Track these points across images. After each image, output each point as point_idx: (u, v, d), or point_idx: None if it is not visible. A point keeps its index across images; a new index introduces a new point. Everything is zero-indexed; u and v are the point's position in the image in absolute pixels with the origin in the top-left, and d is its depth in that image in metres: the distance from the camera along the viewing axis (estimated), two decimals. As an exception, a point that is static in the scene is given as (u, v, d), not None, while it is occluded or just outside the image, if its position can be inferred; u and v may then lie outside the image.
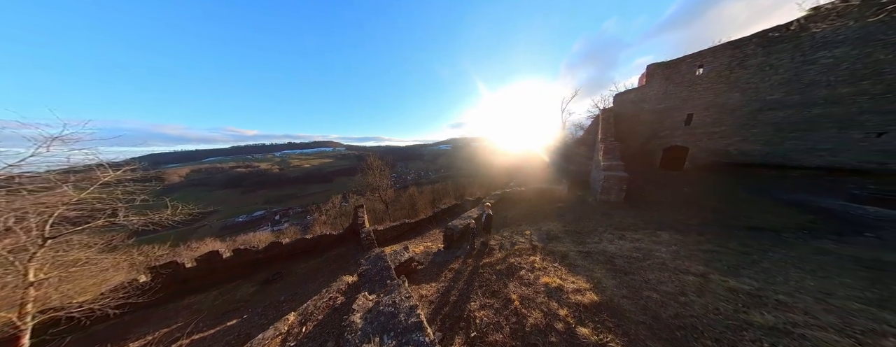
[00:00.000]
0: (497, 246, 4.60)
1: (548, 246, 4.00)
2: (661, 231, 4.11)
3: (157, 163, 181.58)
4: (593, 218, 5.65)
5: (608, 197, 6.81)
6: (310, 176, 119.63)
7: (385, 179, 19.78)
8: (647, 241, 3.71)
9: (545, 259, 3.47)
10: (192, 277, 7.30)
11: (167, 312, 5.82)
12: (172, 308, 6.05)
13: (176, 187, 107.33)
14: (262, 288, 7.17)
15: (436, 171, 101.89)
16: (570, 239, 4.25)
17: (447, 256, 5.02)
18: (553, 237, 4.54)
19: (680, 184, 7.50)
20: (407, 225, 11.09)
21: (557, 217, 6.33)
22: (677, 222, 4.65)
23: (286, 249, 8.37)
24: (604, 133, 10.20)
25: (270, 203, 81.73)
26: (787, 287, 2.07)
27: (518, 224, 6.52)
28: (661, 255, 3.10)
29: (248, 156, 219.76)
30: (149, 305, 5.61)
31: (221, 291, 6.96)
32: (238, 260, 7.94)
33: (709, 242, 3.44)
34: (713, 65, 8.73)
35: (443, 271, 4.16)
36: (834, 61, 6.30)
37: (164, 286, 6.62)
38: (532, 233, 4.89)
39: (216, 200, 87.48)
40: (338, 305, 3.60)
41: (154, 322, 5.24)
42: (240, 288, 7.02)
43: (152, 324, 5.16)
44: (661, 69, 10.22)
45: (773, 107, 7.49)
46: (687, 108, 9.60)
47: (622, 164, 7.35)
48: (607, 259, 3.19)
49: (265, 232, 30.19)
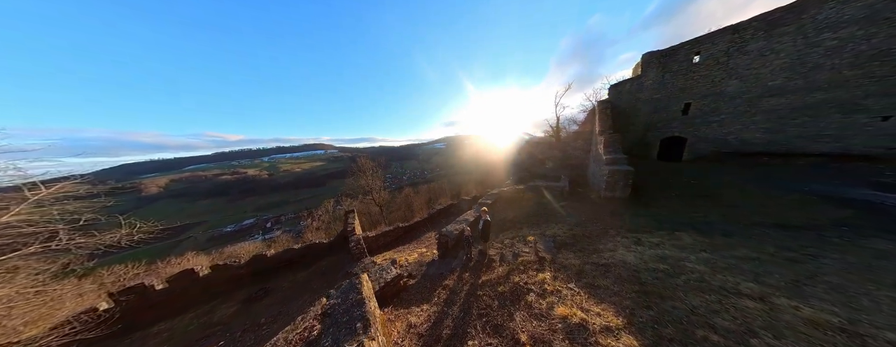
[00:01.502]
0: (497, 257, 4.02)
1: (557, 257, 3.45)
2: (679, 232, 3.65)
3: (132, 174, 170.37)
4: (601, 218, 5.17)
5: (613, 192, 6.38)
6: (301, 180, 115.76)
7: (378, 181, 18.85)
8: (669, 246, 3.23)
9: (557, 276, 2.90)
10: (164, 300, 6.47)
11: (133, 343, 5.10)
12: (139, 338, 5.29)
13: (154, 198, 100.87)
14: (244, 308, 6.37)
15: (431, 171, 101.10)
16: (580, 247, 3.72)
17: (441, 267, 4.44)
18: (561, 244, 4.00)
19: (684, 177, 7.16)
20: (401, 229, 10.39)
21: (561, 218, 5.83)
22: (694, 220, 4.22)
23: (272, 262, 7.67)
24: (601, 125, 9.79)
25: (260, 210, 78.41)
26: (882, 315, 1.59)
27: (519, 227, 5.98)
28: (693, 266, 2.61)
29: (233, 163, 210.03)
30: (110, 337, 4.88)
31: (197, 313, 6.20)
32: (218, 276, 7.13)
33: (741, 246, 2.99)
34: (711, 52, 8.43)
35: (436, 288, 3.58)
36: (838, 43, 6.05)
37: (130, 312, 5.98)
38: (537, 240, 4.34)
39: (201, 210, 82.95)
40: (313, 337, 2.95)
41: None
42: (218, 309, 6.27)
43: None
44: (657, 58, 9.86)
45: (775, 94, 7.27)
46: (684, 97, 9.33)
47: (626, 157, 6.93)
48: (631, 274, 2.65)
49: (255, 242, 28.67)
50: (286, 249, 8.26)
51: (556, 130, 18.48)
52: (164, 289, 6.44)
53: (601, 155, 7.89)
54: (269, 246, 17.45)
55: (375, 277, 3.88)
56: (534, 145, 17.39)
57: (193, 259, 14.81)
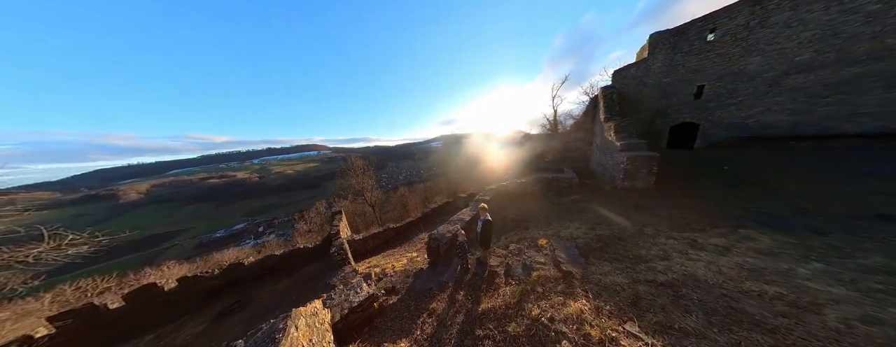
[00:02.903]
0: (501, 269, 3.09)
1: (589, 270, 2.51)
2: (744, 229, 2.80)
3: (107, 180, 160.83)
4: (626, 213, 4.29)
5: (632, 182, 5.54)
6: (295, 182, 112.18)
7: (369, 180, 17.66)
8: (745, 251, 2.35)
9: (599, 307, 1.92)
10: (120, 320, 5.54)
11: None
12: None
13: (134, 205, 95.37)
14: (214, 325, 5.46)
15: (427, 170, 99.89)
16: (615, 254, 2.81)
17: (430, 280, 3.51)
18: (587, 250, 3.10)
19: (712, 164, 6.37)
20: (392, 230, 9.43)
21: (576, 214, 4.93)
22: (753, 213, 3.39)
23: (251, 270, 7.01)
24: (607, 112, 8.94)
25: (252, 214, 75.33)
26: None
27: (524, 226, 5.05)
28: (826, 289, 1.63)
29: (221, 166, 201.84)
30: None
31: (159, 334, 5.30)
32: (187, 290, 6.25)
33: (863, 249, 2.10)
34: (728, 27, 7.64)
35: (421, 313, 2.67)
36: (882, 8, 5.31)
37: (78, 337, 5.05)
38: (553, 244, 3.39)
39: (187, 217, 78.91)
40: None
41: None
42: (184, 327, 5.42)
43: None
44: (666, 37, 9.04)
45: (802, 70, 6.54)
46: (697, 80, 8.57)
47: (644, 143, 6.09)
48: (726, 305, 1.66)
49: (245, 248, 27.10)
50: (268, 256, 7.41)
51: (553, 124, 17.81)
52: (119, 308, 5.56)
53: (612, 142, 7.02)
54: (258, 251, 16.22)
55: (339, 300, 2.86)
56: (532, 139, 16.63)
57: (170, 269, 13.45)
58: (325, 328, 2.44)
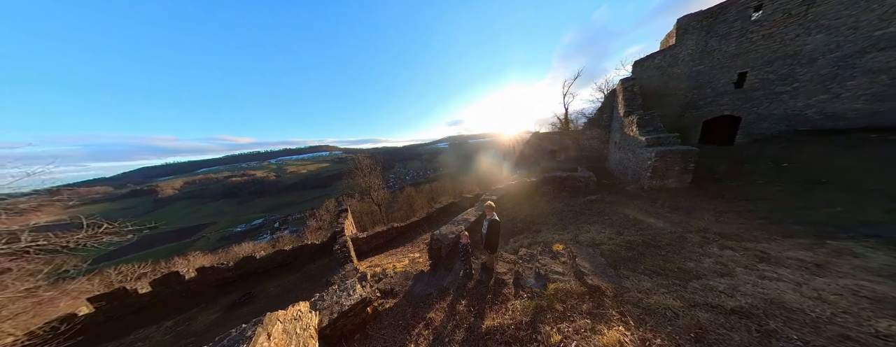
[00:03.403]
0: (509, 278, 2.66)
1: (621, 287, 1.99)
2: (835, 240, 2.11)
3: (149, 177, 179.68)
4: (659, 216, 3.64)
5: (663, 182, 4.80)
6: (307, 181, 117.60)
7: (376, 179, 17.81)
8: (851, 270, 1.68)
9: (643, 335, 1.44)
10: (148, 305, 6.15)
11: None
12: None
13: (169, 200, 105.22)
14: (227, 315, 5.67)
15: (434, 170, 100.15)
16: (654, 266, 2.26)
17: (431, 284, 3.19)
18: (615, 259, 2.56)
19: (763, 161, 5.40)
20: (396, 229, 9.30)
21: (596, 216, 4.33)
22: (839, 220, 2.62)
23: (262, 264, 7.31)
24: (628, 105, 8.06)
25: (269, 211, 79.98)
26: None
27: (536, 229, 4.54)
28: None
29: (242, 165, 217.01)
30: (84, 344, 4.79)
31: (177, 320, 5.68)
32: (204, 280, 6.75)
33: None
34: (779, 3, 6.55)
35: (417, 323, 2.36)
36: None
37: (112, 317, 5.73)
38: (572, 250, 2.88)
39: (213, 212, 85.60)
40: None
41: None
42: (200, 316, 5.72)
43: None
44: (698, 21, 7.99)
45: (885, 46, 5.37)
46: (738, 66, 7.44)
47: (676, 136, 5.30)
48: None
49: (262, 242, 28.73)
50: (277, 251, 7.67)
51: (565, 122, 16.78)
52: (147, 293, 6.15)
53: (635, 137, 6.24)
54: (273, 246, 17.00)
55: (329, 302, 2.58)
56: (542, 137, 15.73)
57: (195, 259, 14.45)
58: (310, 334, 2.14)
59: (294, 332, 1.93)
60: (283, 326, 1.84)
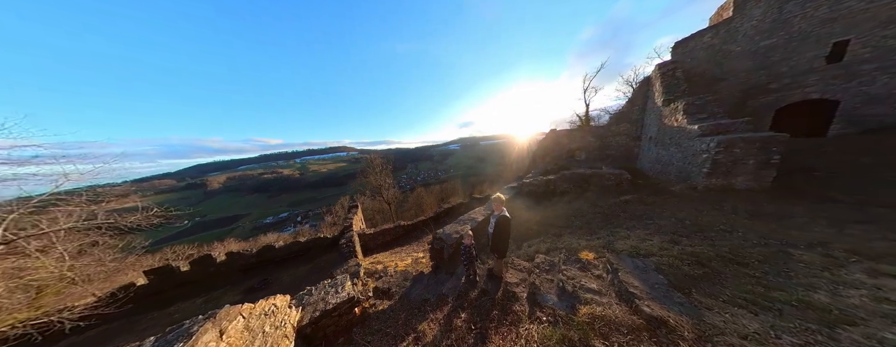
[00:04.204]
0: (522, 291, 2.12)
1: (703, 324, 1.26)
2: None
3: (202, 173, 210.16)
4: (731, 222, 2.74)
5: (729, 180, 3.75)
6: (327, 179, 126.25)
7: (387, 178, 18.19)
8: None
9: None
10: (187, 281, 6.85)
11: (150, 321, 5.18)
12: (156, 316, 5.42)
13: (215, 193, 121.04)
14: (245, 297, 6.19)
15: (445, 171, 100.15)
16: (745, 290, 1.52)
17: (429, 289, 2.81)
18: (678, 277, 1.84)
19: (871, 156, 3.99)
20: (402, 227, 9.19)
21: (635, 220, 3.52)
22: None
23: (280, 253, 7.82)
24: (668, 92, 6.81)
25: (292, 205, 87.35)
26: None
27: (556, 232, 3.88)
28: None
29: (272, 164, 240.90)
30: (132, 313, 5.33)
31: (207, 299, 6.18)
32: (232, 263, 7.39)
33: None
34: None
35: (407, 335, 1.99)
36: None
37: (161, 290, 6.45)
38: (610, 261, 2.23)
39: (248, 204, 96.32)
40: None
41: (136, 332, 4.63)
42: (226, 296, 6.19)
43: (134, 334, 4.58)
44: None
45: None
46: (833, 34, 5.73)
47: (747, 120, 4.17)
48: None
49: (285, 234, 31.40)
50: (293, 242, 8.15)
51: (585, 120, 15.12)
52: (187, 271, 6.85)
53: (682, 127, 5.13)
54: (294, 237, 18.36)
55: (316, 298, 2.32)
56: (560, 135, 14.29)
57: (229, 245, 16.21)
58: (285, 333, 1.84)
59: (261, 330, 1.64)
60: (247, 322, 1.55)
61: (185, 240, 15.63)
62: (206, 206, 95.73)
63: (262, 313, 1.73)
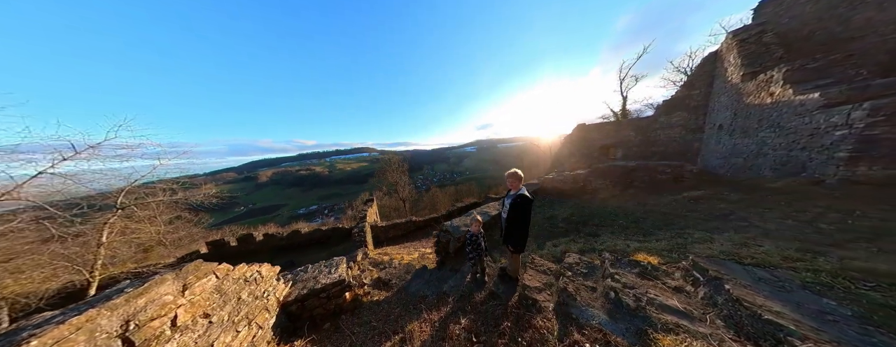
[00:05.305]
0: (548, 301, 1.60)
1: None
2: None
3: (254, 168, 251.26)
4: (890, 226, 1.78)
5: (893, 165, 2.48)
6: (351, 177, 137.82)
7: (403, 175, 18.95)
8: None
9: None
10: (234, 254, 7.91)
11: None
12: None
13: (263, 185, 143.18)
14: None
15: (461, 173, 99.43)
16: None
17: (430, 285, 2.54)
18: (861, 304, 1.10)
19: None
20: (413, 223, 9.16)
21: (715, 219, 2.68)
22: None
23: (304, 238, 8.71)
24: (750, 64, 5.25)
25: (322, 199, 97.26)
26: None
27: (591, 231, 3.23)
28: None
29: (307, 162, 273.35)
30: None
31: None
32: (267, 243, 8.47)
33: None
34: None
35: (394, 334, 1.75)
36: None
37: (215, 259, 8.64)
38: (705, 269, 1.59)
39: (287, 196, 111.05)
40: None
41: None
42: None
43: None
44: None
45: None
46: None
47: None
48: None
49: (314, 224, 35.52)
50: (316, 229, 9.05)
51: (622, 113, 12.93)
52: (234, 246, 8.13)
53: (789, 99, 3.78)
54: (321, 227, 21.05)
55: (308, 276, 2.22)
56: (590, 129, 12.40)
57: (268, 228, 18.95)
58: (266, 305, 1.71)
59: (237, 296, 1.49)
60: (220, 283, 1.40)
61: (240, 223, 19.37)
62: (256, 196, 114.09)
63: (242, 278, 1.61)
